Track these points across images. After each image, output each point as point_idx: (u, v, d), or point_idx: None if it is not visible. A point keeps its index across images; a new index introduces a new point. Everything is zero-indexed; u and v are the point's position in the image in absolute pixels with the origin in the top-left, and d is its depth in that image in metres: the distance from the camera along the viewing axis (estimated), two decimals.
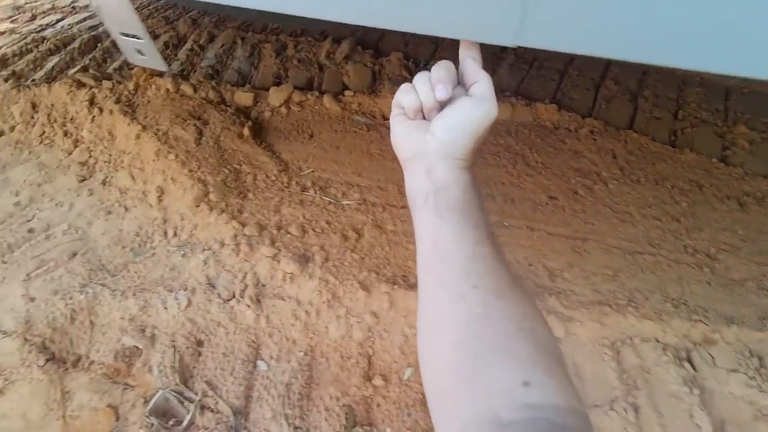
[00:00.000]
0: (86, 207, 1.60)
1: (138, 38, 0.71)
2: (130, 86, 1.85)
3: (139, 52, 0.73)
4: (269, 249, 1.33)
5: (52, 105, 1.91)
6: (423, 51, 2.41)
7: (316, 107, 1.94)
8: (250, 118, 1.85)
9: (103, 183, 1.66)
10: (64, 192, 1.65)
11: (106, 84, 1.85)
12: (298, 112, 1.91)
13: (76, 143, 1.80)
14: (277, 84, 2.16)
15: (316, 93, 1.95)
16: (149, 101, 1.82)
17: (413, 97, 0.55)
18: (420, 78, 0.56)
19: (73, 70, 2.29)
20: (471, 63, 0.56)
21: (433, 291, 0.46)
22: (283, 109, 1.90)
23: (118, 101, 1.78)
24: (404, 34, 2.51)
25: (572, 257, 1.33)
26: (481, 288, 0.43)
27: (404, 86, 0.57)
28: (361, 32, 2.52)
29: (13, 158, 1.78)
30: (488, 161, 1.69)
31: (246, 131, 1.69)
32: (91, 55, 2.44)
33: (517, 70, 2.24)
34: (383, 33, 2.54)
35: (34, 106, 1.92)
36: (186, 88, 1.85)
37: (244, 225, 1.41)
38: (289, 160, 1.68)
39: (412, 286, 1.26)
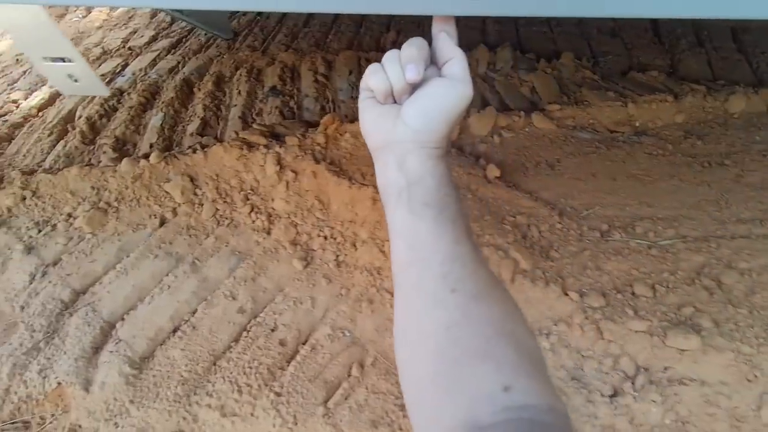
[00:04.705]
0: (333, 299, 1.30)
1: (67, 61, 0.61)
2: (319, 138, 1.54)
3: (72, 77, 0.64)
4: (638, 322, 1.09)
5: (217, 175, 1.58)
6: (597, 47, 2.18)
7: (527, 129, 1.68)
8: (464, 153, 1.58)
9: (338, 264, 1.36)
10: (291, 283, 1.34)
11: (291, 141, 1.54)
12: (511, 139, 1.65)
13: (270, 219, 1.48)
14: None
15: (521, 113, 1.70)
16: (351, 154, 1.52)
17: (382, 78, 0.51)
18: (389, 57, 0.51)
19: (191, 126, 1.94)
20: (445, 39, 0.52)
21: (411, 296, 0.45)
22: (495, 138, 1.64)
23: (316, 160, 1.47)
24: (548, 26, 2.28)
25: None
26: (460, 292, 0.42)
27: (372, 66, 0.52)
28: (496, 36, 2.27)
29: (196, 250, 1.44)
30: (764, 162, 1.49)
31: (494, 171, 1.43)
32: (197, 103, 2.08)
33: (695, 54, 2.06)
34: (518, 30, 2.30)
35: (191, 180, 1.58)
36: None
37: (581, 294, 1.15)
38: (553, 199, 1.43)
39: None
